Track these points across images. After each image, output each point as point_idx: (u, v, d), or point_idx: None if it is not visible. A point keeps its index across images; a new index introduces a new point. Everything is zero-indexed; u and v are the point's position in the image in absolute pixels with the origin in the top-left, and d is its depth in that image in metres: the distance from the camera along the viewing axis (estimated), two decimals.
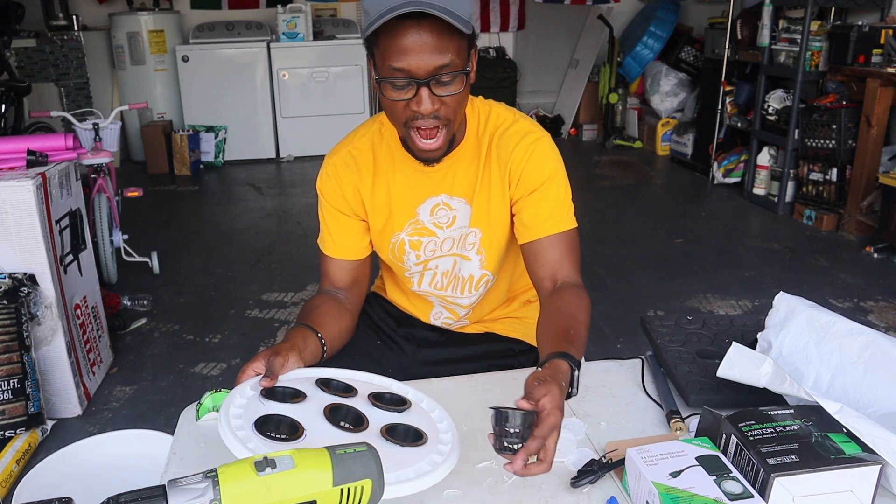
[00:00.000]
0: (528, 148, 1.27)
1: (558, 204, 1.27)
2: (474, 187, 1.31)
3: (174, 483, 0.75)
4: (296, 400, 1.03)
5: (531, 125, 1.31)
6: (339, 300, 1.35)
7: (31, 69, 5.47)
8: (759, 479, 0.87)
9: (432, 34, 1.08)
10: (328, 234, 1.37)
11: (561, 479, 0.99)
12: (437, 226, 1.34)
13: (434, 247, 1.37)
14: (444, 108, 1.15)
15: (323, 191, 1.36)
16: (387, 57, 1.11)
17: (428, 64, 1.10)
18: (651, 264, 3.76)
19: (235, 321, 3.18)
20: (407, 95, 1.14)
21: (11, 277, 2.18)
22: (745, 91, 4.99)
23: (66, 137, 2.47)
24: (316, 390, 1.07)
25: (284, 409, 1.00)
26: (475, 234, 1.34)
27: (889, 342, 1.04)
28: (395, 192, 1.33)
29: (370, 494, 0.81)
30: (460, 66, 1.13)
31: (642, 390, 1.22)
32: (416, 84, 1.12)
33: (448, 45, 1.10)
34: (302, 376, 1.11)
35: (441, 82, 1.12)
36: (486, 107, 1.32)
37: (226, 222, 4.61)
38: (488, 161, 1.30)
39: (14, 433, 2.16)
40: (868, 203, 3.97)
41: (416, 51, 1.09)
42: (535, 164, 1.27)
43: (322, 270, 1.40)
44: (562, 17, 6.72)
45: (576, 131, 6.85)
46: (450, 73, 1.12)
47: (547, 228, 1.26)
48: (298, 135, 5.97)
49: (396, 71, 1.11)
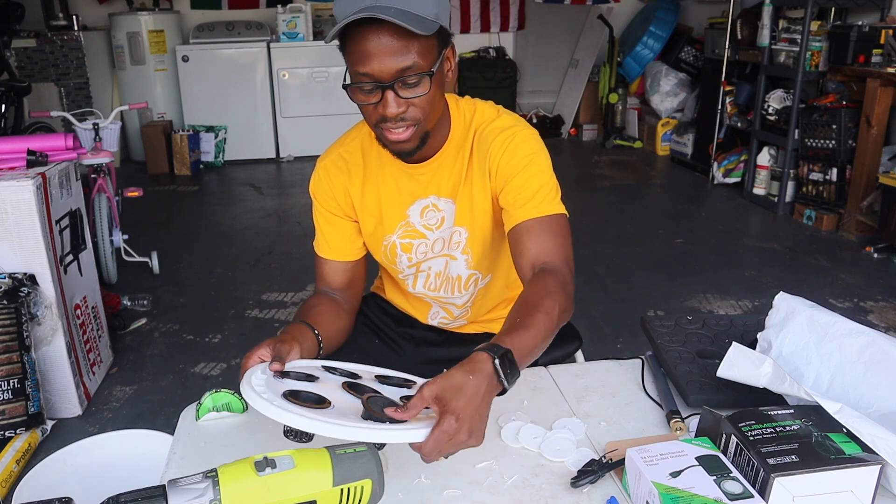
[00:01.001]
0: (506, 139, 1.26)
1: (538, 188, 1.23)
2: (458, 186, 1.31)
3: (174, 483, 0.75)
4: (310, 380, 1.04)
5: (513, 120, 1.30)
6: (336, 300, 1.35)
7: (31, 69, 5.47)
8: (759, 479, 0.87)
9: (392, 37, 1.08)
10: (322, 237, 1.38)
11: (561, 479, 0.99)
12: (427, 227, 1.34)
13: (425, 248, 1.37)
14: (411, 109, 1.15)
15: (315, 193, 1.37)
16: (352, 62, 1.12)
17: (390, 67, 1.10)
18: (651, 264, 3.76)
19: (235, 321, 3.18)
20: (374, 99, 1.14)
21: (11, 277, 2.18)
22: (745, 91, 5.00)
23: (66, 137, 2.47)
24: (325, 373, 1.09)
25: (304, 385, 1.00)
26: (460, 234, 1.34)
27: (889, 342, 1.04)
28: (384, 195, 1.33)
29: (370, 494, 0.81)
30: (425, 68, 1.12)
31: (642, 390, 1.22)
32: (380, 88, 1.12)
33: (409, 48, 1.10)
34: (307, 364, 1.12)
35: (406, 84, 1.12)
36: (470, 106, 1.32)
37: (226, 222, 4.61)
38: (471, 158, 1.30)
39: (14, 433, 2.16)
40: (868, 203, 3.97)
41: (377, 55, 1.09)
42: (513, 152, 1.25)
43: (317, 272, 1.40)
44: (562, 17, 6.71)
45: (576, 131, 6.85)
46: (414, 76, 1.11)
47: (526, 213, 1.22)
48: (298, 135, 5.97)
49: (361, 76, 1.12)
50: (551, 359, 1.42)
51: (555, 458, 1.04)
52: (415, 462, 1.04)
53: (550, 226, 1.21)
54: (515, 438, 1.08)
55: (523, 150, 1.26)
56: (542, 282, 1.14)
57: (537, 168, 1.25)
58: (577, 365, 1.38)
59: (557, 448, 1.05)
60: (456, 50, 1.22)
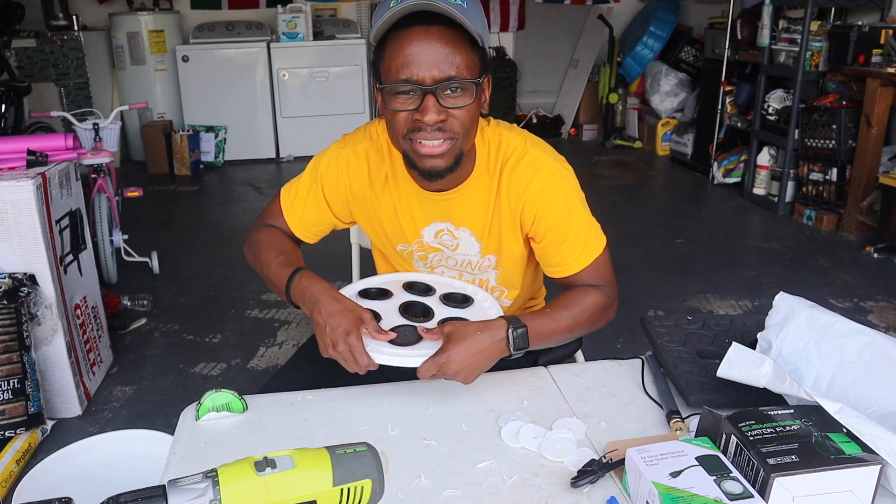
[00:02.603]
0: (542, 187, 1.23)
1: (584, 238, 1.27)
2: (484, 222, 1.28)
3: (174, 483, 0.75)
4: (384, 297, 1.29)
5: (542, 155, 1.26)
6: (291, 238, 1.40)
7: (31, 69, 5.47)
8: (759, 479, 0.87)
9: (441, 41, 1.06)
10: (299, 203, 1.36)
11: (561, 479, 0.99)
12: (444, 245, 1.35)
13: (441, 258, 1.37)
14: (451, 119, 1.11)
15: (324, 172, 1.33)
16: (392, 65, 1.08)
17: (435, 72, 1.07)
18: (651, 264, 3.76)
19: (235, 321, 3.18)
20: (411, 105, 1.10)
21: (11, 277, 2.18)
22: (745, 91, 4.99)
23: (66, 137, 2.47)
24: (401, 291, 1.32)
25: (372, 304, 1.26)
26: (489, 260, 1.35)
27: (889, 342, 1.04)
28: (400, 211, 1.31)
29: (370, 494, 0.81)
30: (469, 77, 1.10)
31: (642, 390, 1.22)
32: (421, 92, 1.08)
33: (457, 56, 1.07)
34: (392, 279, 1.37)
35: (448, 92, 1.09)
36: (496, 136, 1.27)
37: (226, 222, 4.61)
38: (499, 195, 1.26)
39: (14, 433, 2.16)
40: (868, 203, 3.97)
41: (423, 58, 1.06)
42: (552, 204, 1.24)
43: (272, 211, 1.39)
44: (562, 17, 6.72)
45: (576, 131, 6.85)
46: (458, 83, 1.09)
47: (579, 264, 1.28)
48: (298, 135, 5.97)
49: (401, 80, 1.08)
50: (551, 359, 1.42)
51: (555, 458, 1.04)
52: (415, 462, 1.04)
53: (597, 267, 1.30)
54: (515, 438, 1.08)
55: (561, 202, 1.25)
56: (574, 291, 1.28)
57: (577, 219, 1.26)
58: (577, 365, 1.38)
59: (557, 448, 1.05)
60: (491, 82, 1.20)
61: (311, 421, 1.14)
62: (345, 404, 1.18)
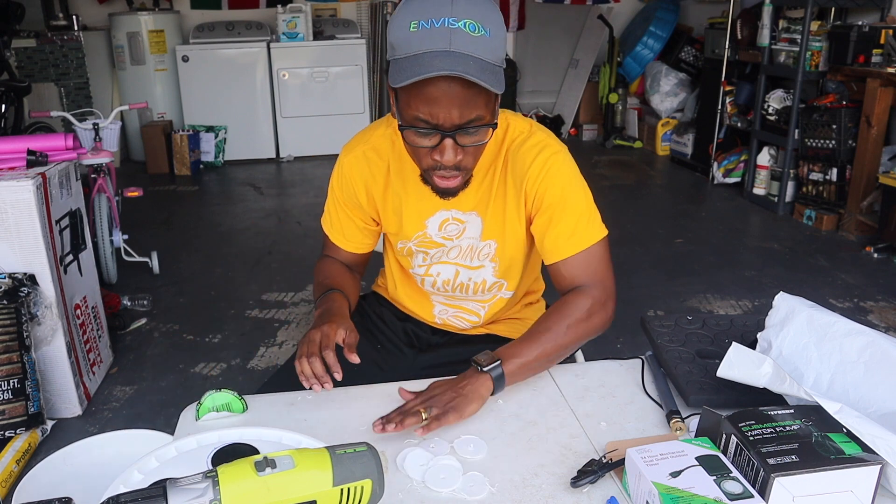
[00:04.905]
0: (544, 165, 1.25)
1: (577, 219, 1.26)
2: (488, 202, 1.30)
3: (174, 483, 0.75)
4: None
5: (547, 137, 1.29)
6: (347, 267, 1.44)
7: (31, 69, 5.46)
8: (759, 479, 0.87)
9: (463, 87, 1.05)
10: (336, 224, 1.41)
11: (561, 479, 0.99)
12: (446, 238, 1.35)
13: (441, 254, 1.37)
14: (466, 157, 1.15)
15: (335, 186, 1.38)
16: (412, 104, 1.08)
17: (455, 117, 1.07)
18: (651, 264, 3.76)
19: (235, 321, 3.18)
20: (430, 143, 1.12)
21: (11, 277, 2.18)
22: (745, 91, 4.99)
23: (66, 137, 2.47)
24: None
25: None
26: (489, 245, 1.34)
27: (889, 342, 1.04)
28: (405, 203, 1.33)
29: (370, 494, 0.81)
30: (488, 119, 1.11)
31: (642, 390, 1.22)
32: (440, 134, 1.10)
33: (478, 100, 1.08)
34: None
35: (467, 133, 1.11)
36: (503, 122, 1.29)
37: (226, 222, 4.61)
38: (503, 176, 1.28)
39: (14, 433, 2.15)
40: (868, 203, 3.97)
41: (444, 103, 1.06)
42: (550, 181, 1.25)
43: (324, 244, 1.46)
44: (562, 17, 6.72)
45: (576, 131, 6.84)
46: (476, 127, 1.10)
47: (569, 248, 1.26)
48: (298, 135, 5.97)
49: (421, 121, 1.09)
50: None
51: (439, 489, 0.96)
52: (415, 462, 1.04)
53: (588, 257, 1.27)
54: (401, 466, 1.01)
55: (560, 179, 1.26)
56: (564, 301, 1.26)
57: (574, 199, 1.26)
58: (577, 365, 1.38)
59: (442, 477, 0.98)
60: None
61: (311, 421, 1.14)
62: (345, 404, 1.18)
